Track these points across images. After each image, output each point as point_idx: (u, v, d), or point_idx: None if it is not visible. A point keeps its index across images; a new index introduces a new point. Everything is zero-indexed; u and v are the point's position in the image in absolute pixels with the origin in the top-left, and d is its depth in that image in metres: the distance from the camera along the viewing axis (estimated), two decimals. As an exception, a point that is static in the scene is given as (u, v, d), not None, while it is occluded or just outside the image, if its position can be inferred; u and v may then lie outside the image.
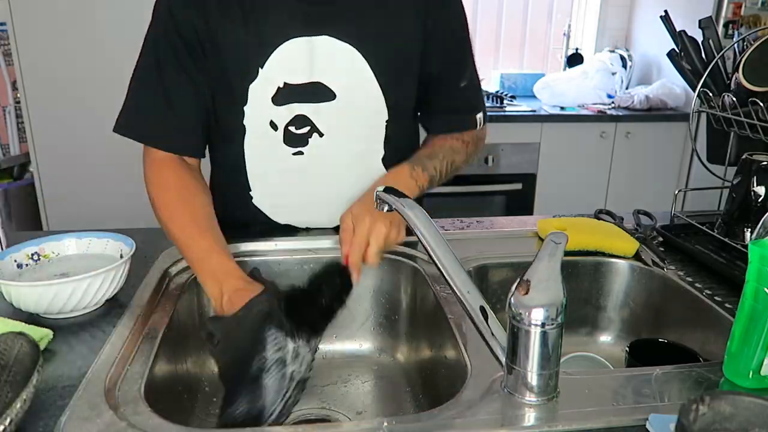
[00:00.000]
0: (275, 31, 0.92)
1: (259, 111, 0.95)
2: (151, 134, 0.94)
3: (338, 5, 0.93)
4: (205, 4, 0.90)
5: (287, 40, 0.92)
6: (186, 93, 0.93)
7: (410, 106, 1.06)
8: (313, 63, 0.93)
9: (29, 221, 2.40)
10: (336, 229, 1.09)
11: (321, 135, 0.97)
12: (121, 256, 0.84)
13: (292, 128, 0.96)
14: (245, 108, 0.95)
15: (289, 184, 1.02)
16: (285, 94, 0.94)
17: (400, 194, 0.76)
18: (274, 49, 0.92)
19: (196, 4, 0.90)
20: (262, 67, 0.93)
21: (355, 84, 0.96)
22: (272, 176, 1.02)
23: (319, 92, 0.95)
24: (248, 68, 0.93)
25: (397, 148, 1.03)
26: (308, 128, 0.97)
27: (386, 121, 1.01)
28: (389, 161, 1.02)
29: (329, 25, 0.92)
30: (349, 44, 0.93)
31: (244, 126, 0.97)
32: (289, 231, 1.07)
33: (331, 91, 0.95)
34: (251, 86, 0.94)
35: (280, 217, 1.06)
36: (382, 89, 0.97)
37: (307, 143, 0.98)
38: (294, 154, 0.98)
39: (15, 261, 0.84)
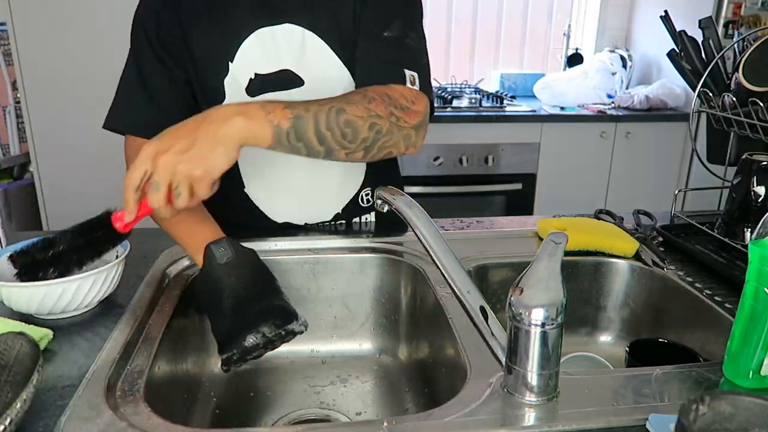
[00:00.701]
0: (240, 24, 0.95)
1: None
2: (133, 123, 0.95)
3: None
4: (177, 3, 0.95)
5: (252, 32, 0.95)
6: (164, 85, 0.96)
7: None
8: (278, 51, 0.96)
9: (29, 221, 2.40)
10: (333, 221, 1.10)
11: None
12: (117, 257, 0.84)
13: None
14: (224, 102, 0.98)
15: (278, 173, 1.04)
16: (257, 85, 0.97)
17: (399, 193, 0.76)
18: (241, 42, 0.95)
19: (169, 4, 0.95)
20: (231, 61, 0.96)
21: (320, 67, 0.98)
22: (263, 167, 1.03)
23: (288, 80, 0.98)
24: (219, 63, 0.96)
25: None
26: None
27: None
28: None
29: (288, 13, 0.95)
30: (308, 29, 0.96)
31: None
32: (288, 230, 1.07)
33: (299, 77, 0.98)
34: (225, 81, 0.97)
35: (278, 213, 1.08)
36: (346, 67, 0.99)
37: None
38: None
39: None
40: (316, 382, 0.95)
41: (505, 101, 2.78)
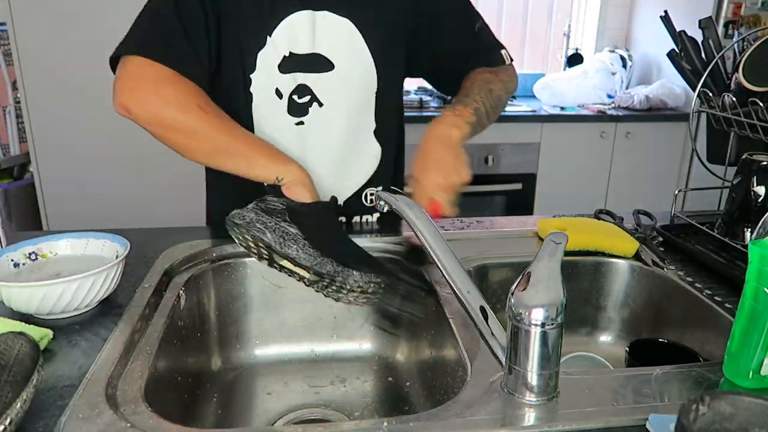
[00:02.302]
0: (284, 2, 0.97)
1: (267, 78, 1.00)
2: (159, 51, 0.90)
3: None
4: None
5: (294, 11, 0.97)
6: (200, 30, 0.94)
7: (398, 79, 1.11)
8: (314, 35, 0.99)
9: (29, 221, 2.40)
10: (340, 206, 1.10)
11: (321, 105, 1.02)
12: (117, 257, 0.84)
13: (295, 97, 1.01)
14: (252, 75, 0.99)
15: (293, 155, 1.03)
16: (290, 63, 0.99)
17: (399, 193, 0.76)
18: (282, 19, 0.97)
19: None
20: (270, 35, 0.98)
21: (350, 56, 1.01)
22: (279, 146, 1.02)
23: (319, 63, 1.00)
24: (258, 35, 0.98)
25: (385, 123, 1.08)
26: (309, 97, 1.01)
27: (375, 93, 1.05)
28: (379, 135, 1.08)
29: (330, 1, 0.99)
30: (347, 18, 0.99)
31: (251, 94, 1.01)
32: None
33: (330, 62, 1.01)
34: (260, 53, 0.98)
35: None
36: (374, 61, 1.03)
37: (307, 113, 1.02)
38: (296, 124, 1.03)
39: (12, 260, 0.84)
40: (316, 382, 0.95)
41: (505, 101, 2.77)
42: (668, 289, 0.93)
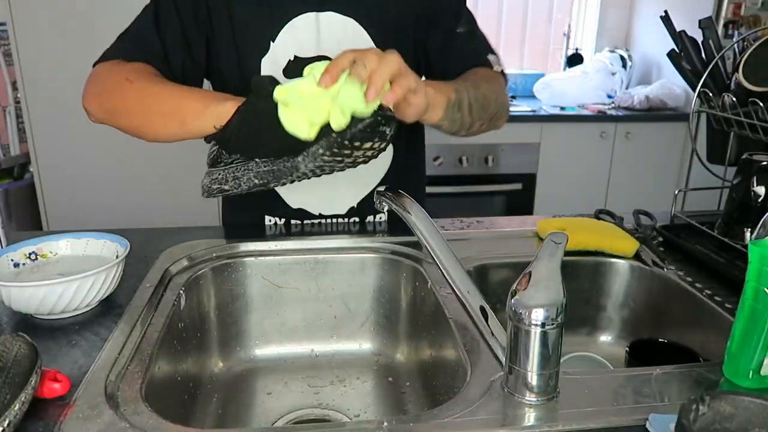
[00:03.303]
0: (288, 6, 0.96)
1: None
2: (115, 52, 0.94)
3: None
4: None
5: (298, 15, 0.97)
6: (177, 39, 0.94)
7: None
8: (320, 37, 0.98)
9: (29, 221, 2.40)
10: (347, 215, 1.10)
11: None
12: (117, 257, 0.84)
13: None
14: None
15: None
16: (295, 67, 0.98)
17: (399, 193, 0.76)
18: (286, 23, 0.96)
19: None
20: (273, 41, 0.97)
21: None
22: None
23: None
24: (261, 42, 0.97)
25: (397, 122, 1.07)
26: None
27: None
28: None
29: (335, 1, 0.97)
30: (352, 18, 0.98)
31: None
32: (300, 217, 1.10)
33: None
34: (263, 59, 0.97)
35: (293, 197, 1.09)
36: None
37: None
38: None
39: (12, 260, 0.84)
40: (316, 382, 0.95)
41: (505, 101, 2.77)
42: (668, 289, 0.93)
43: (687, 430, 0.50)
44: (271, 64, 0.98)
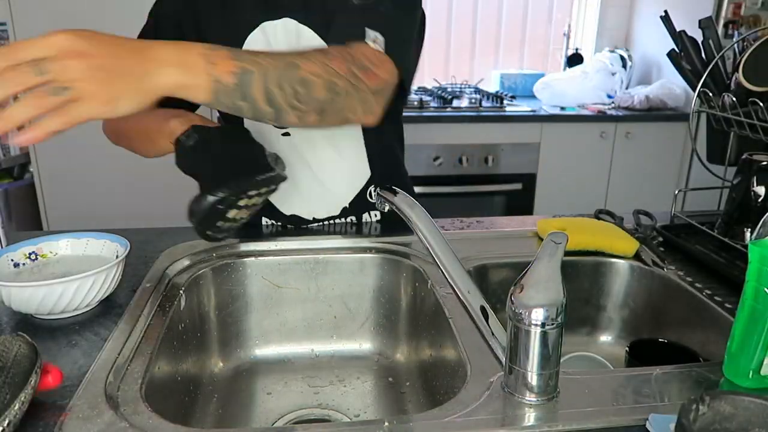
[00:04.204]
0: (248, 18, 0.97)
1: None
2: None
3: None
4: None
5: (257, 25, 0.97)
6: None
7: None
8: (278, 45, 0.98)
9: (29, 221, 2.40)
10: (341, 215, 1.10)
11: None
12: (117, 257, 0.84)
13: None
14: None
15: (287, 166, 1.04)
16: None
17: (400, 192, 0.76)
18: (247, 36, 0.97)
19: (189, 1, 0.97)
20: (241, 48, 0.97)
21: None
22: None
23: None
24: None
25: None
26: None
27: None
28: (368, 135, 1.06)
29: (286, 7, 0.96)
30: (302, 23, 0.97)
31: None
32: (296, 222, 1.10)
33: None
34: None
35: (285, 204, 1.09)
36: None
37: None
38: (283, 134, 1.03)
39: (12, 260, 0.84)
40: (316, 382, 0.95)
41: (505, 101, 2.78)
42: (668, 289, 0.93)
43: (687, 430, 0.50)
44: None
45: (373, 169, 1.10)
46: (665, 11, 1.16)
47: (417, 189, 1.22)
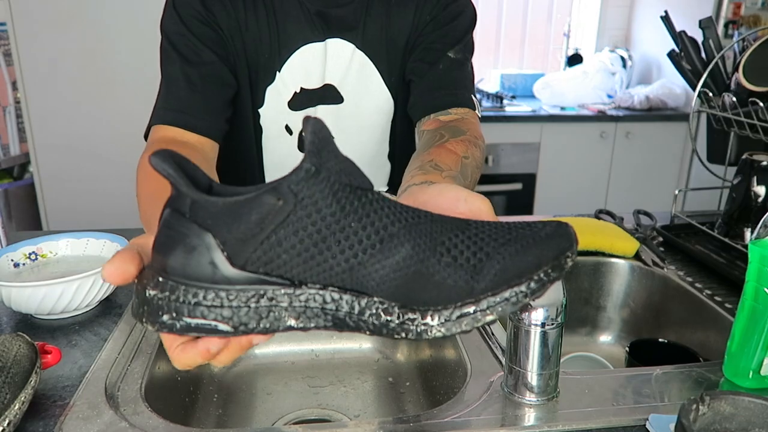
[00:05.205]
0: (295, 34, 0.92)
1: (275, 114, 0.96)
2: (164, 115, 0.86)
3: (347, 7, 0.92)
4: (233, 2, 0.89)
5: (304, 45, 0.92)
6: (209, 71, 0.88)
7: None
8: (325, 67, 0.94)
9: (29, 221, 2.40)
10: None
11: (332, 138, 0.97)
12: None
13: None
14: (261, 110, 0.96)
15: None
16: (301, 99, 0.95)
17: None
18: (291, 54, 0.92)
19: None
20: (279, 71, 0.93)
21: (363, 85, 0.96)
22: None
23: (329, 95, 0.96)
24: (266, 70, 0.93)
25: (399, 144, 1.04)
26: None
27: (392, 119, 1.01)
28: (392, 156, 1.04)
29: (339, 27, 0.92)
30: (358, 47, 0.94)
31: (261, 127, 0.98)
32: None
33: (340, 94, 0.96)
34: (269, 88, 0.94)
35: None
36: (388, 88, 0.97)
37: None
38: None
39: (12, 260, 0.84)
40: (316, 382, 0.95)
41: (505, 101, 2.78)
42: (668, 289, 0.93)
43: (687, 430, 0.50)
44: (276, 95, 0.94)
45: (389, 189, 1.09)
46: (665, 11, 1.16)
47: (417, 189, 1.22)
